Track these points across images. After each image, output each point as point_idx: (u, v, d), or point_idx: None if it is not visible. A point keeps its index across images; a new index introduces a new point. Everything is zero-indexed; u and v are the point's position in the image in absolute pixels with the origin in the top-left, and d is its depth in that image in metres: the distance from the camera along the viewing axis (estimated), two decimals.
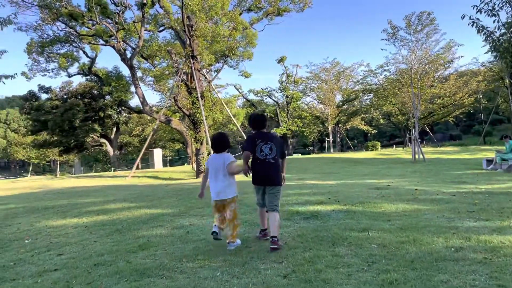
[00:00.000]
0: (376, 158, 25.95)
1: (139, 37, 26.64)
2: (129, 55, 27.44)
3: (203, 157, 18.19)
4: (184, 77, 19.46)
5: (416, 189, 8.86)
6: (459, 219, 5.32)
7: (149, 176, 20.38)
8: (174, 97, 19.02)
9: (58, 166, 69.15)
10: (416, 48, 27.68)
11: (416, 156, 22.11)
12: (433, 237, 4.48)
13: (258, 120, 5.07)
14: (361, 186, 10.26)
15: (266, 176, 4.86)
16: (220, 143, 4.87)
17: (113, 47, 27.26)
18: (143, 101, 25.99)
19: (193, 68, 18.43)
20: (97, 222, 6.80)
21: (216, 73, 23.42)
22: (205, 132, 18.15)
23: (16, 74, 8.06)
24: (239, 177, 5.02)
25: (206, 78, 19.95)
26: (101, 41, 29.29)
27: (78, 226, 6.66)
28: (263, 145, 4.88)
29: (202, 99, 18.42)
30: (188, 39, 18.51)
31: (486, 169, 14.98)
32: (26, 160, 72.34)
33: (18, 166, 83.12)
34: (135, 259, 4.36)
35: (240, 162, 5.08)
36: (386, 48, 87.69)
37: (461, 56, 68.99)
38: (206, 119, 18.17)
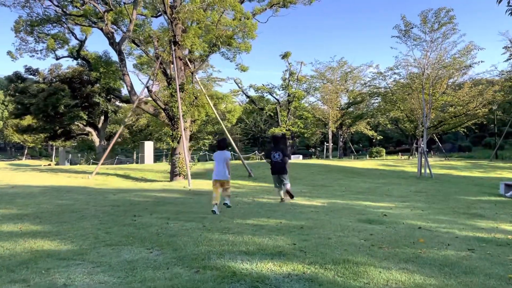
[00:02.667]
0: (377, 170, 23.60)
1: (130, 21, 24.44)
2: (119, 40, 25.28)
3: (179, 157, 15.82)
4: (166, 67, 17.17)
5: (419, 229, 6.64)
6: None
7: (119, 175, 18.08)
8: (148, 87, 16.71)
9: (54, 151, 67.41)
10: (431, 49, 25.10)
11: (422, 171, 19.76)
12: None
13: (274, 139, 10.52)
14: (349, 215, 8.04)
15: (277, 170, 9.72)
16: (224, 144, 8.18)
17: (101, 29, 25.18)
18: (131, 90, 23.76)
19: (174, 55, 16.12)
20: None
21: (201, 62, 20.87)
22: (183, 130, 15.71)
23: None
24: None
25: (189, 67, 17.54)
26: (90, 23, 27.26)
27: None
28: (274, 153, 9.76)
29: (181, 91, 16.09)
30: (170, 22, 16.18)
31: (505, 196, 12.61)
32: (21, 143, 70.72)
33: (14, 149, 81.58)
34: None
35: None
36: (397, 47, 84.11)
37: (481, 61, 65.34)
38: (184, 115, 15.83)
